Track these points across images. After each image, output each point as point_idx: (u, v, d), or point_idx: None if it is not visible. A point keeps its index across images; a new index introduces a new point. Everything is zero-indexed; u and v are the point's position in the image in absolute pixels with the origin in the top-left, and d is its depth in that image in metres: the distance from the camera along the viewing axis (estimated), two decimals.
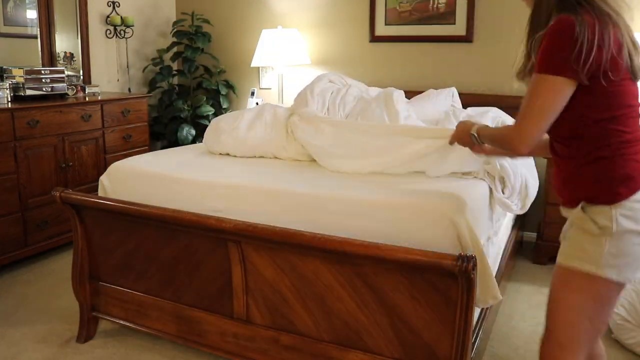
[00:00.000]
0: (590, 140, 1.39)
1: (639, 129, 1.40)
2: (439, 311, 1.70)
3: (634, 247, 1.35)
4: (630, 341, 2.38)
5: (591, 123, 1.38)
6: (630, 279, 1.40)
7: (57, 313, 2.70)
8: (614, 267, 1.35)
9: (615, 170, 1.36)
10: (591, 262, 1.37)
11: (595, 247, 1.37)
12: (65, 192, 2.27)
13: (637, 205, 1.34)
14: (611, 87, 1.35)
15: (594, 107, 1.37)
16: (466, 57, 3.79)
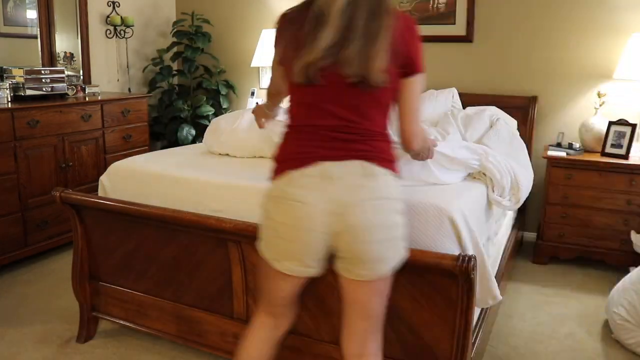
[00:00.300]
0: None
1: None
2: (439, 311, 1.70)
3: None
4: (630, 341, 2.38)
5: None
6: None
7: (57, 313, 2.70)
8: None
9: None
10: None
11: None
12: (65, 192, 2.27)
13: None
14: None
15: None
16: (466, 57, 3.79)
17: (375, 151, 1.45)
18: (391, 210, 1.45)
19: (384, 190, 1.43)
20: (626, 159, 3.13)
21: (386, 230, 1.43)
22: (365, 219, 1.40)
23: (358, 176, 1.41)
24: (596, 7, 3.39)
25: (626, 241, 3.12)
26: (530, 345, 2.44)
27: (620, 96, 3.40)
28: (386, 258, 1.45)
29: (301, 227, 1.42)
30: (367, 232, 1.40)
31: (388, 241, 1.44)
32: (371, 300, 1.49)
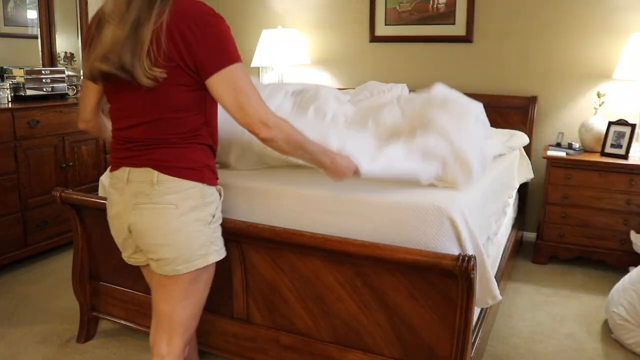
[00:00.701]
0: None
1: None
2: (439, 311, 1.70)
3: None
4: (630, 341, 2.38)
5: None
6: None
7: (57, 313, 2.70)
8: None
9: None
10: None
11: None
12: (65, 192, 2.27)
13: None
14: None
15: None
16: (466, 57, 3.80)
17: (164, 159, 1.44)
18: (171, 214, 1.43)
19: (164, 197, 1.43)
20: (626, 159, 3.13)
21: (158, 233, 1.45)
22: (140, 221, 1.46)
23: (146, 183, 1.44)
24: (596, 7, 3.40)
25: (626, 241, 3.12)
26: (530, 345, 2.44)
27: (620, 96, 3.40)
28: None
29: (111, 223, 1.62)
30: (144, 233, 1.47)
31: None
32: (163, 298, 1.53)
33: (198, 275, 1.52)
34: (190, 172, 1.46)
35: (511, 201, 2.90)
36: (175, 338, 1.55)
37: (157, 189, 1.43)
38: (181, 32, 1.35)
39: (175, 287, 1.51)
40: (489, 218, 2.28)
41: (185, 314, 1.54)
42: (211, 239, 1.50)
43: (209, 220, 1.49)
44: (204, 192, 1.48)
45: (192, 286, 1.52)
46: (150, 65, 1.35)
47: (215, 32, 1.37)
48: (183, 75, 1.39)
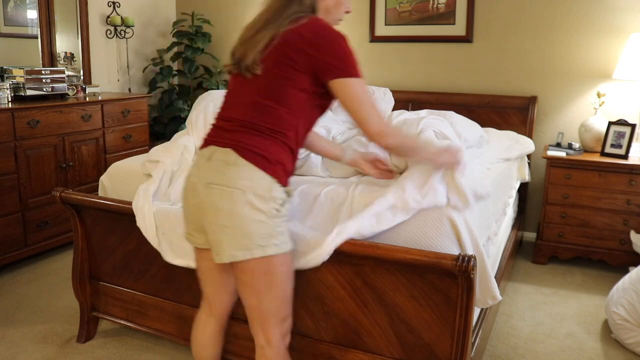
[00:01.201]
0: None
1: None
2: (439, 311, 1.70)
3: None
4: (630, 341, 2.38)
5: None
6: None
7: (57, 313, 2.70)
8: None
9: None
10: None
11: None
12: (65, 192, 2.27)
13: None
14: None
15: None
16: (466, 57, 3.80)
17: (246, 143, 1.52)
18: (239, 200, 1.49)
19: (236, 181, 1.49)
20: (626, 159, 3.13)
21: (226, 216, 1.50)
22: (209, 200, 1.52)
23: (223, 162, 1.52)
24: (596, 7, 3.40)
25: (626, 241, 3.12)
26: (529, 345, 2.44)
27: (620, 96, 3.40)
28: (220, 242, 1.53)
29: (184, 196, 1.64)
30: (209, 212, 1.53)
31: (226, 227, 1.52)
32: (241, 290, 1.61)
33: (271, 269, 1.55)
34: (266, 163, 1.52)
35: (511, 201, 2.90)
36: (270, 329, 1.61)
37: (233, 170, 1.50)
38: (306, 39, 1.53)
39: (251, 281, 1.56)
40: (489, 218, 2.28)
41: (272, 305, 1.59)
42: (272, 233, 1.52)
43: (273, 213, 1.52)
44: (273, 186, 1.52)
45: (267, 279, 1.55)
46: (258, 61, 1.55)
47: (343, 46, 1.57)
48: (297, 75, 1.54)
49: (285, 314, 1.63)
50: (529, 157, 3.48)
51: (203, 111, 2.57)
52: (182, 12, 4.61)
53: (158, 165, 2.27)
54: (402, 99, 3.78)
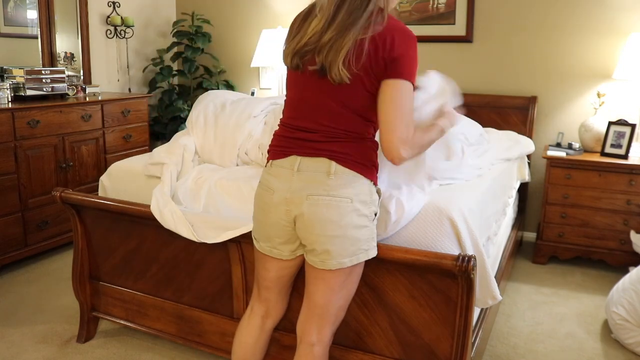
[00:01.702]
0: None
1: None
2: (439, 311, 1.70)
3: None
4: (630, 341, 2.38)
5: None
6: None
7: (57, 313, 2.70)
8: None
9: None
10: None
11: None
12: (65, 192, 2.27)
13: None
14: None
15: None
16: (466, 57, 3.80)
17: (341, 152, 1.49)
18: (347, 209, 1.48)
19: (341, 190, 1.48)
20: (626, 159, 3.13)
21: (334, 226, 1.49)
22: (314, 212, 1.49)
23: (321, 173, 1.49)
24: (595, 7, 3.40)
25: (626, 241, 3.12)
26: (529, 344, 2.44)
27: (620, 96, 3.40)
28: (332, 252, 1.50)
29: (267, 210, 1.57)
30: (316, 224, 1.50)
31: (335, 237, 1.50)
32: (321, 289, 1.57)
33: (354, 270, 1.56)
34: (364, 168, 1.52)
35: (511, 201, 2.90)
36: (326, 327, 1.61)
37: (334, 180, 1.48)
38: (385, 40, 1.44)
39: (335, 280, 1.55)
40: (489, 218, 2.28)
41: (339, 304, 1.60)
42: (373, 235, 1.56)
43: (372, 217, 1.54)
44: (371, 189, 1.53)
45: (348, 278, 1.56)
46: (343, 68, 1.44)
47: (414, 49, 1.48)
48: (370, 80, 1.47)
49: (343, 314, 1.65)
50: (529, 157, 3.48)
51: (203, 111, 2.57)
52: (182, 12, 4.61)
53: (164, 167, 2.27)
54: None
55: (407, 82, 1.46)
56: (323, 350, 1.61)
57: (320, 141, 1.51)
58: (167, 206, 2.05)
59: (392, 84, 1.45)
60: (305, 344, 1.62)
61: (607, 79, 3.41)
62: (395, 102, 1.45)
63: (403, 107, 1.46)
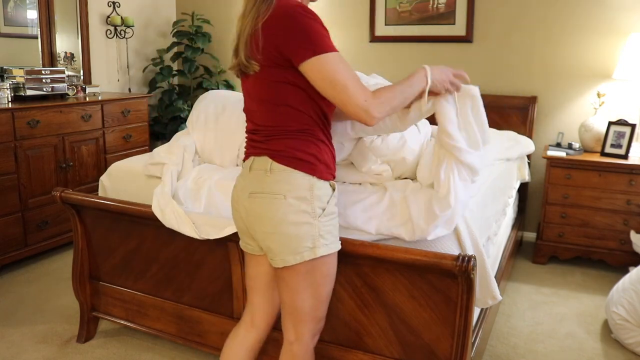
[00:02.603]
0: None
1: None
2: (439, 311, 1.70)
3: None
4: (630, 341, 2.38)
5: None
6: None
7: (57, 313, 2.70)
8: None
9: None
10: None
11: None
12: (65, 192, 2.27)
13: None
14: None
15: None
16: (466, 57, 3.80)
17: (277, 149, 1.50)
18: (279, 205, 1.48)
19: (274, 186, 1.48)
20: (626, 159, 3.13)
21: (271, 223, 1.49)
22: (252, 208, 1.52)
23: (262, 170, 1.51)
24: (595, 7, 3.40)
25: (626, 241, 3.12)
26: (529, 344, 2.44)
27: (620, 96, 3.40)
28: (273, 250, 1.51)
29: (233, 208, 1.62)
30: (253, 221, 1.54)
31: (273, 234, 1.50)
32: (282, 288, 1.57)
33: (312, 268, 1.52)
34: (302, 163, 1.49)
35: (511, 201, 2.90)
36: (301, 326, 1.58)
37: (270, 177, 1.49)
38: (273, 27, 1.42)
39: (292, 279, 1.53)
40: (489, 218, 2.28)
41: (306, 304, 1.56)
42: (320, 232, 1.49)
43: (317, 213, 1.49)
44: (313, 184, 1.49)
45: (307, 278, 1.53)
46: (247, 57, 1.46)
47: (305, 22, 1.41)
48: (278, 71, 1.45)
49: (320, 315, 1.61)
50: (529, 157, 3.48)
51: (203, 111, 2.57)
52: (182, 12, 4.61)
53: (165, 167, 2.27)
54: None
55: (321, 56, 1.39)
56: (304, 349, 1.59)
57: (261, 140, 1.53)
58: (168, 206, 2.05)
59: (307, 67, 1.40)
60: (285, 342, 1.62)
61: (607, 79, 3.41)
62: (325, 81, 1.40)
63: (337, 80, 1.40)
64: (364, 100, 1.41)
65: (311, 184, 1.48)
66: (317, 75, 1.41)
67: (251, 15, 1.45)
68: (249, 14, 1.46)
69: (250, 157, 1.56)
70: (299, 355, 1.59)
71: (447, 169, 1.75)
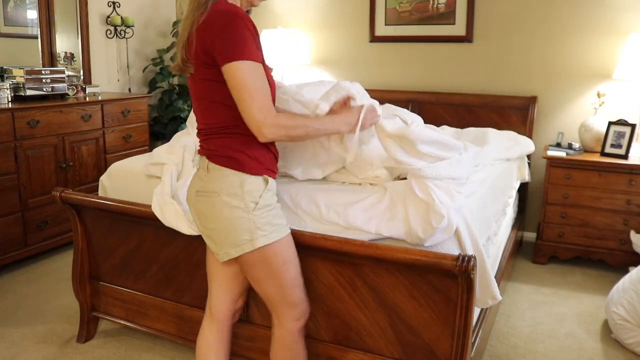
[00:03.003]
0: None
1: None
2: (439, 311, 1.70)
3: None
4: (630, 341, 2.38)
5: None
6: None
7: (57, 313, 2.70)
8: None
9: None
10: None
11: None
12: (65, 192, 2.27)
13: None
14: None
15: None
16: (466, 57, 3.80)
17: (212, 148, 1.58)
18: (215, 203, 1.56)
19: (210, 185, 1.57)
20: (626, 159, 3.13)
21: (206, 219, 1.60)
22: (194, 206, 1.63)
23: (202, 169, 1.61)
24: (595, 7, 3.40)
25: (626, 241, 3.12)
26: (529, 344, 2.44)
27: (620, 96, 3.40)
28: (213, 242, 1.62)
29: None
30: (196, 218, 1.65)
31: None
32: (247, 280, 1.71)
33: (264, 258, 1.59)
34: (232, 161, 1.56)
35: (511, 201, 2.90)
36: (280, 312, 1.68)
37: (207, 176, 1.59)
38: (204, 30, 1.48)
39: (249, 271, 1.64)
40: (489, 218, 2.28)
41: (273, 292, 1.65)
42: (256, 225, 1.56)
43: (251, 207, 1.55)
44: (244, 181, 1.55)
45: (264, 268, 1.61)
46: (184, 60, 1.54)
47: (233, 26, 1.45)
48: (207, 69, 1.51)
49: (293, 300, 1.67)
50: (529, 157, 3.48)
51: None
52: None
53: (165, 167, 2.27)
54: (402, 99, 3.78)
55: (241, 63, 1.44)
56: (285, 332, 1.68)
57: (203, 140, 1.63)
58: (168, 205, 2.05)
59: (226, 70, 1.46)
60: (272, 328, 1.72)
61: (607, 79, 3.41)
62: (237, 86, 1.46)
63: (245, 89, 1.45)
64: (262, 117, 1.47)
65: (242, 180, 1.55)
66: (231, 80, 1.47)
67: (188, 21, 1.52)
68: (186, 19, 1.54)
69: (201, 156, 1.65)
70: (282, 338, 1.69)
71: (422, 188, 1.81)
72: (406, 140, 1.80)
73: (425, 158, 1.82)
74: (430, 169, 1.80)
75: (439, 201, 1.77)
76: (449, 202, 1.78)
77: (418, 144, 1.79)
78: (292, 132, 1.56)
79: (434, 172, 1.81)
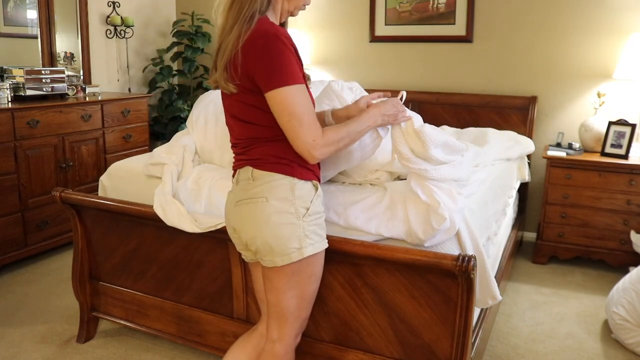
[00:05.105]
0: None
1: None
2: (438, 311, 1.70)
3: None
4: (630, 341, 2.38)
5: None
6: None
7: (57, 313, 2.70)
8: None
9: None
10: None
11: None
12: (65, 192, 2.27)
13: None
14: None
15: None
16: (466, 57, 3.80)
17: (256, 157, 1.54)
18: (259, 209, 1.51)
19: (257, 190, 1.52)
20: (626, 159, 3.13)
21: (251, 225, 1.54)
22: (239, 213, 1.57)
23: (246, 180, 1.55)
24: (596, 7, 3.40)
25: (626, 241, 3.12)
26: (529, 345, 2.44)
27: (620, 96, 3.40)
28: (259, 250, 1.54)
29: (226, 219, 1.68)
30: (241, 226, 1.58)
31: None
32: (269, 289, 1.59)
33: (299, 268, 1.54)
34: (280, 167, 1.51)
35: (511, 201, 2.90)
36: (285, 326, 1.61)
37: (253, 183, 1.53)
38: (249, 54, 1.44)
39: (277, 279, 1.55)
40: (489, 218, 2.28)
41: (291, 304, 1.58)
42: (305, 233, 1.51)
43: (301, 212, 1.51)
44: (294, 185, 1.51)
45: (293, 278, 1.55)
46: (226, 80, 1.49)
47: (273, 53, 1.42)
48: (248, 94, 1.49)
49: (304, 315, 1.63)
50: (529, 157, 3.48)
51: (203, 111, 2.57)
52: (182, 12, 4.61)
53: (165, 167, 2.27)
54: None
55: (285, 89, 1.42)
56: (285, 349, 1.62)
57: (241, 152, 1.59)
58: (170, 204, 2.05)
59: (270, 97, 1.44)
60: (268, 340, 1.64)
61: (607, 79, 3.41)
62: (283, 113, 1.44)
63: (293, 115, 1.43)
64: (312, 140, 1.46)
65: (292, 184, 1.51)
66: (276, 106, 1.44)
67: (233, 35, 1.45)
68: (229, 31, 1.47)
69: (236, 171, 1.62)
70: (280, 355, 1.62)
71: (425, 191, 1.80)
72: (419, 140, 1.77)
73: (431, 162, 1.80)
74: (436, 171, 1.78)
75: (443, 204, 1.76)
76: (452, 205, 1.78)
77: (430, 148, 1.75)
78: (340, 144, 1.55)
79: (438, 174, 1.79)
